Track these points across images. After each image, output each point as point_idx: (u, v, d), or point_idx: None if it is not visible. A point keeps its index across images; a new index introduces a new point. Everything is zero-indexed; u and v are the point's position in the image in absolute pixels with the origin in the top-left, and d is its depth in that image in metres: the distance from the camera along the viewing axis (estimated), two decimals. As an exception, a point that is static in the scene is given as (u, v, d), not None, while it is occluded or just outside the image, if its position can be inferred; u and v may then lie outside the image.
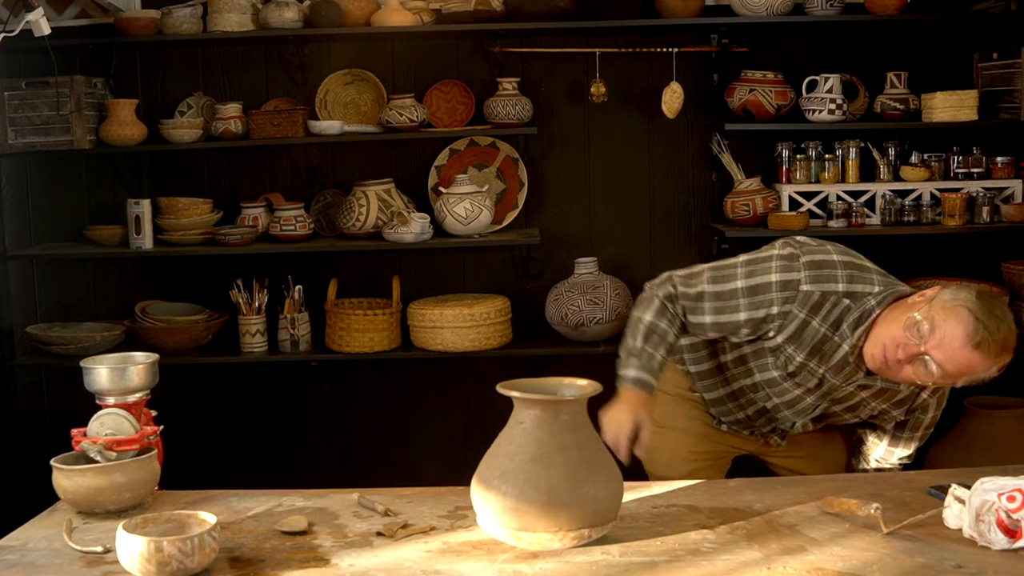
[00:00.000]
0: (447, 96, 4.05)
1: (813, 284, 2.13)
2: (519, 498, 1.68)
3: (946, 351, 1.98)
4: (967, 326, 1.96)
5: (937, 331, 1.98)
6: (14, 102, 3.77)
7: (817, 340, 2.15)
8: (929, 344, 1.98)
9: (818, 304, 2.13)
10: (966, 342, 1.97)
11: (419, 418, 4.23)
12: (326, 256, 4.09)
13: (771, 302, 2.14)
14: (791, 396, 2.27)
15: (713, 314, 2.19)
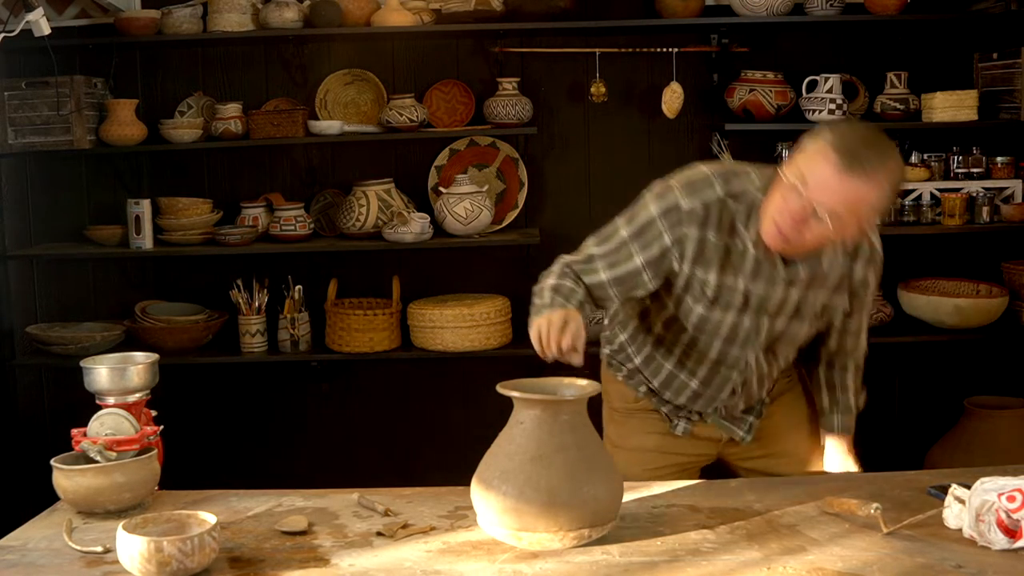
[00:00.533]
0: (447, 96, 4.05)
1: (692, 199, 2.09)
2: (519, 498, 1.68)
3: (826, 192, 1.92)
4: (833, 159, 1.91)
5: (809, 179, 1.93)
6: (14, 102, 3.77)
7: (720, 253, 2.10)
8: (810, 196, 1.93)
9: (704, 216, 2.08)
10: (839, 174, 1.91)
11: (419, 418, 4.23)
12: (326, 256, 4.09)
13: (660, 234, 2.10)
14: (727, 327, 2.17)
15: (609, 270, 2.13)
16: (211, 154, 4.06)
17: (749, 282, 2.12)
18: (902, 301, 3.95)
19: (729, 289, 2.13)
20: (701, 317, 2.17)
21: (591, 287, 2.15)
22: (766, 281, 2.12)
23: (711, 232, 2.09)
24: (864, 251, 2.19)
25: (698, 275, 2.12)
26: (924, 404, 4.19)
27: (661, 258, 2.11)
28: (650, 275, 2.13)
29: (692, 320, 2.18)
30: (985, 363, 4.12)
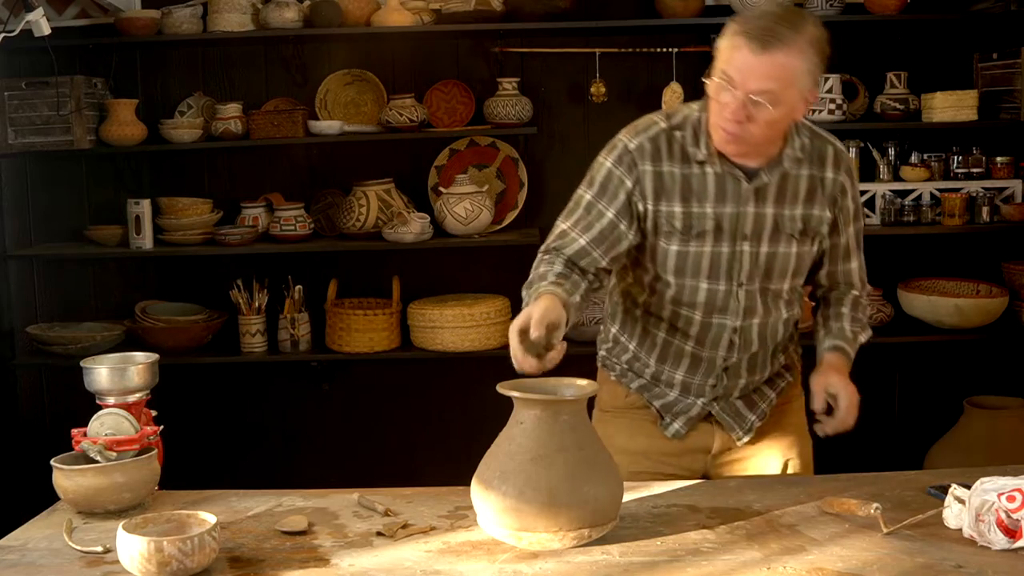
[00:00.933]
0: (447, 96, 4.05)
1: (638, 138, 2.10)
2: (519, 498, 1.68)
3: (751, 76, 1.92)
4: (744, 43, 1.92)
5: (732, 72, 1.94)
6: (14, 102, 3.77)
7: (680, 183, 2.08)
8: (739, 87, 1.94)
9: (655, 149, 2.09)
10: (755, 55, 1.91)
11: (419, 418, 4.23)
12: (326, 256, 4.09)
13: (619, 181, 2.10)
14: (706, 260, 2.11)
15: (585, 233, 2.11)
16: (211, 154, 4.06)
17: (716, 205, 2.09)
18: (902, 301, 3.95)
19: (697, 216, 2.09)
20: (678, 256, 2.11)
21: (574, 257, 2.12)
22: (733, 200, 2.09)
23: (665, 164, 2.08)
24: (828, 155, 2.15)
25: (663, 210, 2.09)
26: (924, 404, 4.19)
27: (628, 203, 2.10)
28: (625, 224, 2.11)
29: (671, 264, 2.13)
30: (985, 363, 4.12)
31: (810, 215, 2.14)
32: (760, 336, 2.21)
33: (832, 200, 2.16)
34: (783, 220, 2.12)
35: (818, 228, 2.16)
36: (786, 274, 2.17)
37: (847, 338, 2.28)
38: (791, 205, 2.12)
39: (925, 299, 3.87)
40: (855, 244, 2.26)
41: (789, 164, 2.10)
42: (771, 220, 2.11)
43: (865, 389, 4.42)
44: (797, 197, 2.12)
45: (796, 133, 2.12)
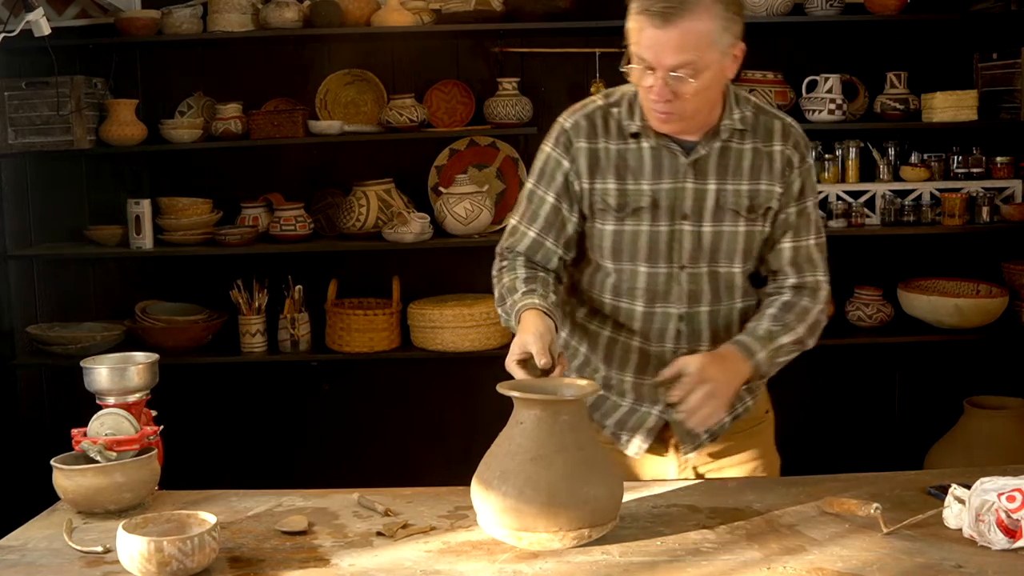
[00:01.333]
0: (447, 96, 4.05)
1: (574, 116, 2.05)
2: (519, 498, 1.68)
3: (663, 51, 1.85)
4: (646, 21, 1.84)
5: (643, 52, 1.87)
6: (14, 102, 3.77)
7: (615, 159, 2.02)
8: (654, 65, 1.86)
9: (590, 126, 2.04)
10: (659, 30, 1.83)
11: (419, 418, 4.23)
12: (326, 256, 4.09)
13: (556, 163, 2.05)
14: (644, 240, 2.01)
15: (532, 224, 2.07)
16: (211, 154, 4.06)
17: (652, 181, 2.01)
18: (902, 301, 3.95)
19: (633, 193, 2.01)
20: (614, 237, 2.03)
21: (529, 252, 2.08)
22: (670, 175, 2.00)
23: (601, 140, 2.03)
24: (776, 128, 2.05)
25: (598, 187, 2.03)
26: (924, 404, 4.19)
27: (566, 184, 2.05)
28: (567, 206, 2.06)
29: (607, 247, 2.04)
30: (985, 363, 4.12)
31: (757, 190, 2.02)
32: (711, 326, 2.07)
33: (780, 174, 2.03)
34: (726, 195, 2.01)
35: (767, 204, 2.03)
36: (734, 255, 2.04)
37: (756, 335, 2.01)
38: (735, 179, 2.02)
39: (925, 299, 3.87)
40: (796, 224, 2.06)
41: (728, 135, 2.01)
42: (713, 196, 2.01)
43: (865, 389, 4.46)
44: (741, 171, 2.02)
45: (736, 104, 2.03)
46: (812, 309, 2.07)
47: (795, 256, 2.08)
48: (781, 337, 2.02)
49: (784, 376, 2.12)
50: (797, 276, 2.09)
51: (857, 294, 3.97)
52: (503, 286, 2.06)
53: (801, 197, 2.06)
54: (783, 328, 2.03)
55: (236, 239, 3.87)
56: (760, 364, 1.99)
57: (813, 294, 2.09)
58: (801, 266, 2.08)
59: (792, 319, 2.04)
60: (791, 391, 4.12)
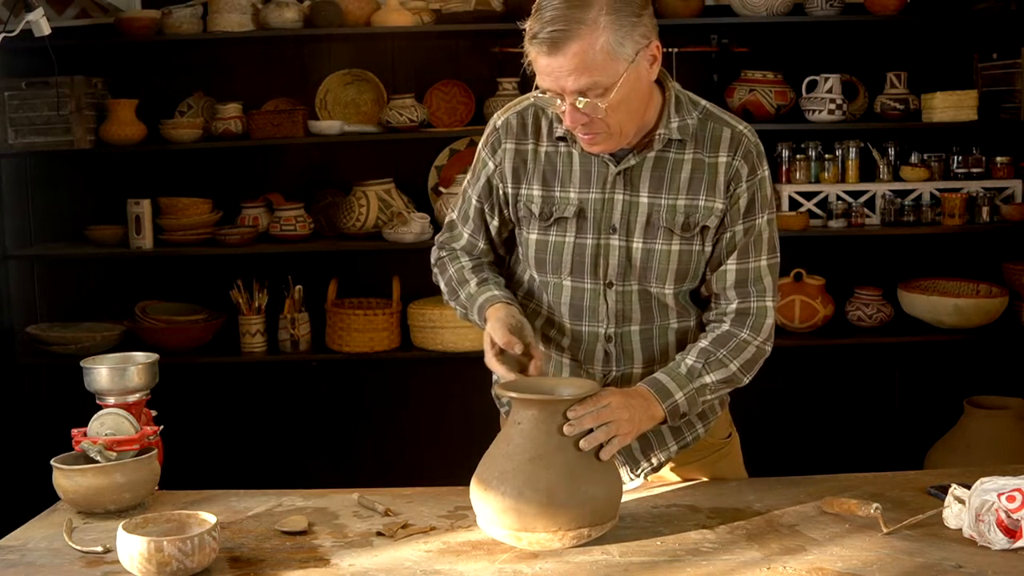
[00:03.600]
0: (447, 96, 4.05)
1: (507, 113, 1.95)
2: (518, 498, 1.68)
3: (559, 78, 1.73)
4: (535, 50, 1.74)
5: (542, 81, 1.76)
6: (14, 102, 3.77)
7: (541, 162, 1.90)
8: (557, 92, 1.74)
9: (521, 125, 1.92)
10: (549, 57, 1.72)
11: (419, 418, 4.23)
12: (326, 256, 4.09)
13: (483, 162, 1.96)
14: (568, 252, 1.90)
15: (463, 223, 2.02)
16: (211, 154, 4.06)
17: (580, 190, 1.88)
18: (902, 301, 3.95)
19: (559, 201, 1.89)
20: (537, 246, 1.92)
21: (467, 249, 2.02)
22: (599, 184, 1.87)
23: (530, 141, 1.91)
24: (724, 137, 1.87)
25: (522, 193, 1.92)
26: (924, 404, 4.19)
27: (489, 187, 1.96)
28: (487, 208, 1.97)
29: (531, 256, 1.93)
30: (985, 363, 4.12)
31: (694, 206, 1.86)
32: (644, 347, 1.95)
33: (724, 188, 1.86)
34: (659, 211, 1.86)
35: (704, 221, 1.87)
36: (666, 276, 1.89)
37: (677, 373, 1.86)
38: (669, 193, 1.86)
39: (925, 299, 3.87)
40: (744, 243, 1.89)
41: (663, 144, 1.85)
42: (644, 210, 1.86)
43: (865, 389, 4.46)
44: (677, 184, 1.86)
45: (676, 111, 1.86)
46: (751, 343, 1.90)
47: (740, 278, 1.90)
48: (706, 376, 1.87)
49: (784, 376, 2.12)
50: (740, 300, 1.91)
51: (857, 294, 3.97)
52: (450, 277, 2.01)
53: (749, 214, 1.88)
54: (710, 365, 1.87)
55: (236, 239, 3.87)
56: (679, 406, 1.85)
57: (756, 323, 1.91)
58: (746, 289, 1.91)
59: (724, 354, 1.88)
60: (791, 391, 4.14)
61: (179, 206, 3.93)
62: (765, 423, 3.92)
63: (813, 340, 3.87)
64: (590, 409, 1.74)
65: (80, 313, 4.08)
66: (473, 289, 1.97)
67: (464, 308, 2.00)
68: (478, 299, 1.94)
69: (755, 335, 1.91)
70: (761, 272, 1.91)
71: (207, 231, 3.93)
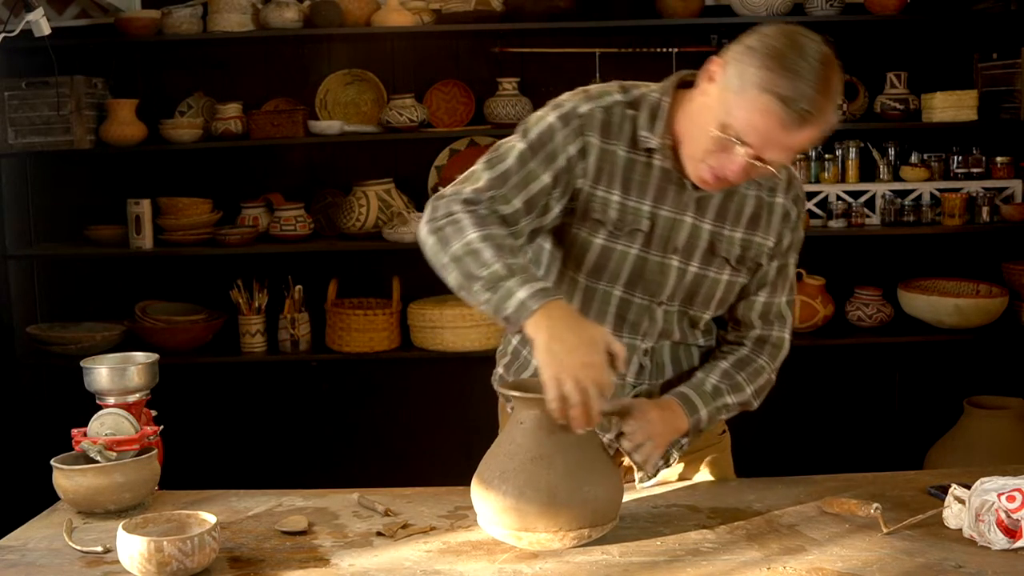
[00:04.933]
0: (447, 96, 4.05)
1: (591, 103, 1.83)
2: (519, 498, 1.68)
3: (775, 148, 1.68)
4: (778, 113, 1.64)
5: (749, 134, 1.67)
6: (14, 102, 3.77)
7: (623, 167, 1.83)
8: (752, 148, 1.68)
9: (607, 123, 1.82)
10: (786, 129, 1.65)
11: (419, 418, 4.23)
12: (326, 256, 4.09)
13: (563, 143, 1.80)
14: (629, 264, 1.86)
15: (517, 191, 1.79)
16: (211, 154, 4.06)
17: (654, 204, 1.84)
18: (902, 301, 3.95)
19: (634, 212, 1.83)
20: (601, 253, 1.86)
21: (509, 222, 1.79)
22: (673, 203, 1.85)
23: (614, 142, 1.83)
24: (781, 182, 1.93)
25: (599, 194, 1.83)
26: (924, 404, 4.19)
27: (568, 170, 1.81)
28: (558, 193, 1.82)
29: (589, 261, 1.87)
30: (985, 363, 4.13)
31: (751, 241, 1.91)
32: (674, 363, 1.98)
33: (777, 227, 1.93)
34: (720, 240, 1.89)
35: (757, 258, 1.93)
36: (711, 302, 1.93)
37: (704, 390, 1.91)
38: (732, 225, 1.89)
39: (925, 299, 3.87)
40: (775, 281, 1.97)
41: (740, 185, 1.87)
42: (707, 237, 1.88)
43: (865, 389, 4.46)
44: (740, 218, 1.90)
45: None
46: (765, 370, 1.98)
47: (766, 311, 1.98)
48: (727, 397, 1.93)
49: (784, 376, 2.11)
50: (763, 328, 1.99)
51: (857, 294, 3.97)
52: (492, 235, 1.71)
53: (787, 253, 1.96)
54: (732, 388, 1.94)
55: (236, 239, 3.87)
56: (700, 421, 1.91)
57: (773, 352, 1.99)
58: (770, 320, 1.98)
59: (743, 378, 1.95)
60: (790, 391, 4.14)
61: (179, 206, 3.93)
62: (765, 423, 3.92)
63: (813, 340, 3.87)
64: (642, 424, 1.79)
65: (80, 313, 4.08)
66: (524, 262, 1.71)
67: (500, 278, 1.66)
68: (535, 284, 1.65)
69: (771, 362, 2.00)
70: (783, 308, 2.00)
71: (207, 231, 3.93)
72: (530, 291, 1.64)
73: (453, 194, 1.85)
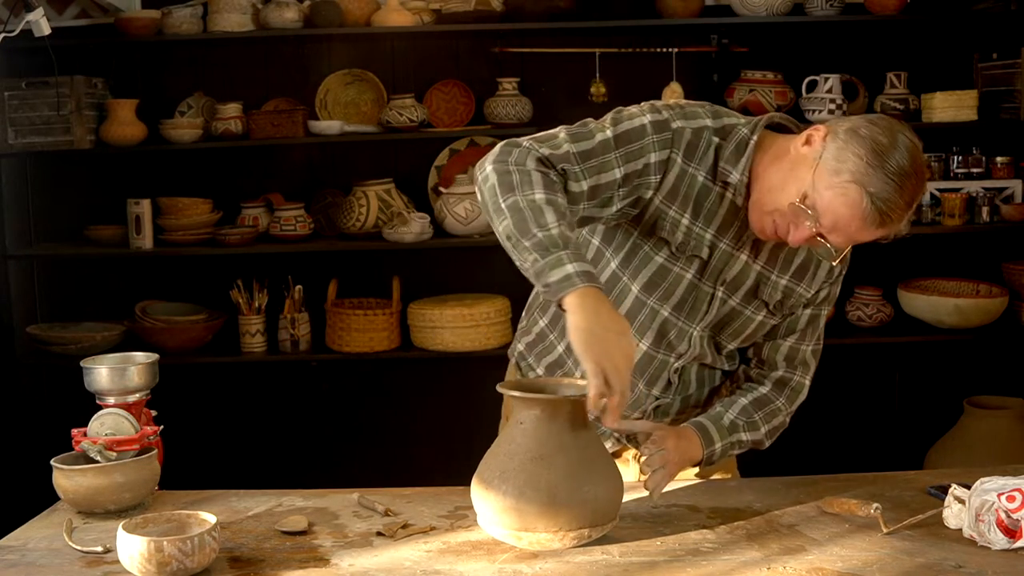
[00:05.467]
0: (447, 96, 4.05)
1: (684, 121, 1.83)
2: (519, 498, 1.68)
3: (843, 234, 1.72)
4: (861, 207, 1.67)
5: (827, 215, 1.70)
6: (14, 102, 3.77)
7: (698, 192, 1.84)
8: (822, 227, 1.72)
9: (693, 145, 1.82)
10: (863, 224, 1.69)
11: (419, 418, 4.23)
12: (326, 256, 4.09)
13: (648, 148, 1.80)
14: (682, 288, 1.89)
15: (589, 175, 1.77)
16: (211, 154, 4.06)
17: (716, 235, 1.87)
18: (902, 301, 3.95)
19: (697, 238, 1.86)
20: (659, 270, 1.89)
21: (570, 201, 1.77)
22: (732, 239, 1.88)
23: (694, 165, 1.84)
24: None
25: (671, 213, 1.84)
26: (924, 404, 4.19)
27: (641, 175, 1.81)
28: (622, 194, 1.81)
29: (644, 276, 1.90)
30: (985, 363, 4.12)
31: (793, 290, 1.95)
32: (699, 379, 2.04)
33: (820, 281, 1.98)
34: (766, 284, 1.93)
35: (795, 307, 1.98)
36: (739, 336, 1.99)
37: (722, 424, 1.96)
38: (781, 271, 1.93)
39: (925, 299, 3.87)
40: (804, 328, 2.01)
41: None
42: (754, 277, 1.93)
43: (865, 389, 4.46)
44: (789, 266, 1.94)
45: None
46: (781, 412, 2.04)
47: (792, 355, 2.04)
48: (743, 434, 1.99)
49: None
50: (786, 371, 2.05)
51: (857, 294, 3.97)
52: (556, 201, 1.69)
53: (821, 304, 2.02)
54: (748, 426, 1.99)
55: (236, 239, 3.87)
56: (714, 454, 1.96)
57: (792, 396, 2.05)
58: (794, 365, 2.04)
59: (760, 417, 2.01)
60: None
61: (179, 206, 3.93)
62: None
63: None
64: (660, 450, 1.84)
65: (80, 313, 4.08)
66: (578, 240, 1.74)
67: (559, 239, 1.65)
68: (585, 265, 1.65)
69: (788, 406, 2.06)
70: (808, 355, 2.05)
71: (207, 231, 3.93)
72: (579, 268, 1.64)
73: (530, 147, 1.79)
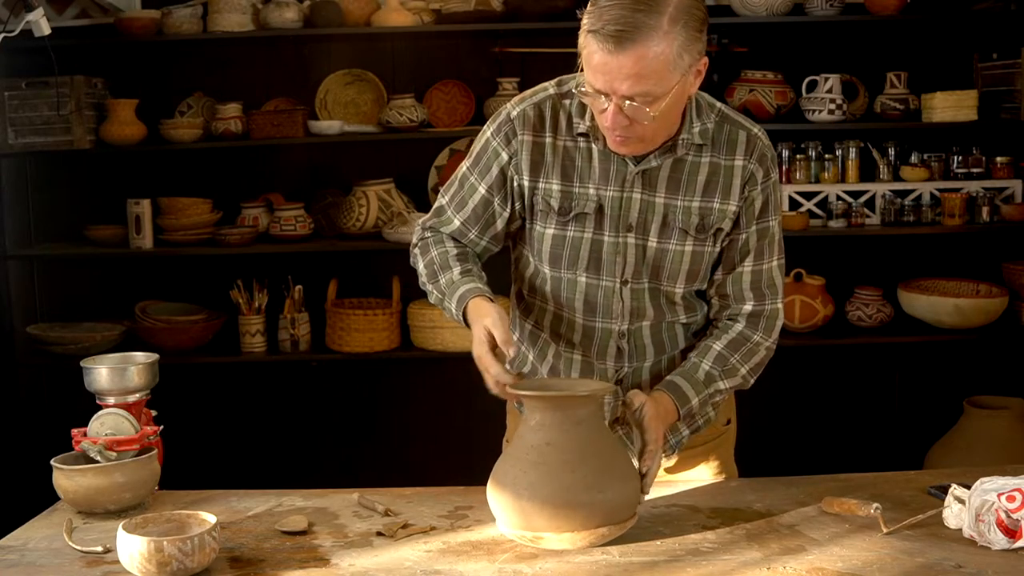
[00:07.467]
0: (447, 96, 4.05)
1: (522, 105, 1.92)
2: (534, 499, 1.68)
3: (615, 79, 1.68)
4: (597, 44, 1.67)
5: (593, 79, 1.72)
6: (14, 102, 3.77)
7: (561, 156, 1.88)
8: (608, 92, 1.71)
9: (538, 117, 1.89)
10: (610, 55, 1.66)
11: (419, 418, 4.23)
12: (326, 256, 4.09)
13: (495, 153, 1.90)
14: (586, 249, 1.89)
15: (459, 212, 1.95)
16: (211, 154, 4.06)
17: (599, 186, 1.87)
18: (902, 301, 3.95)
19: (578, 196, 1.87)
20: (554, 241, 1.91)
21: (455, 235, 1.97)
22: (617, 182, 1.87)
23: (547, 134, 1.89)
24: (740, 140, 1.91)
25: (541, 186, 1.89)
26: (924, 404, 4.19)
27: (503, 178, 1.91)
28: (499, 201, 1.92)
29: (546, 251, 1.92)
30: (985, 363, 4.13)
31: (709, 208, 1.88)
32: (655, 343, 1.98)
33: (740, 191, 1.89)
34: (675, 212, 1.88)
35: (719, 224, 1.90)
36: (678, 275, 1.92)
37: (695, 379, 1.92)
38: (686, 195, 1.88)
39: (925, 299, 3.87)
40: (756, 248, 1.93)
41: (684, 150, 1.86)
42: (660, 210, 1.88)
43: (865, 389, 4.46)
44: (694, 187, 1.88)
45: (697, 116, 1.89)
46: (761, 345, 1.96)
47: (754, 280, 1.95)
48: (720, 382, 1.93)
49: (784, 376, 2.12)
50: (755, 303, 1.96)
51: (857, 294, 3.97)
52: (432, 260, 1.95)
53: (763, 216, 1.92)
54: (725, 373, 1.93)
55: (236, 239, 3.87)
56: (692, 410, 1.92)
57: (768, 325, 1.97)
58: (762, 291, 1.95)
59: (737, 360, 1.94)
60: (791, 391, 4.14)
61: (179, 206, 3.93)
62: (765, 423, 3.93)
63: (813, 340, 3.87)
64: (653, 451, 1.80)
65: (80, 313, 4.08)
66: (456, 276, 1.92)
67: (441, 294, 1.94)
68: (460, 288, 1.89)
69: (767, 336, 1.97)
70: (773, 273, 1.96)
71: (207, 231, 3.93)
72: (456, 300, 1.89)
73: (421, 224, 2.04)
